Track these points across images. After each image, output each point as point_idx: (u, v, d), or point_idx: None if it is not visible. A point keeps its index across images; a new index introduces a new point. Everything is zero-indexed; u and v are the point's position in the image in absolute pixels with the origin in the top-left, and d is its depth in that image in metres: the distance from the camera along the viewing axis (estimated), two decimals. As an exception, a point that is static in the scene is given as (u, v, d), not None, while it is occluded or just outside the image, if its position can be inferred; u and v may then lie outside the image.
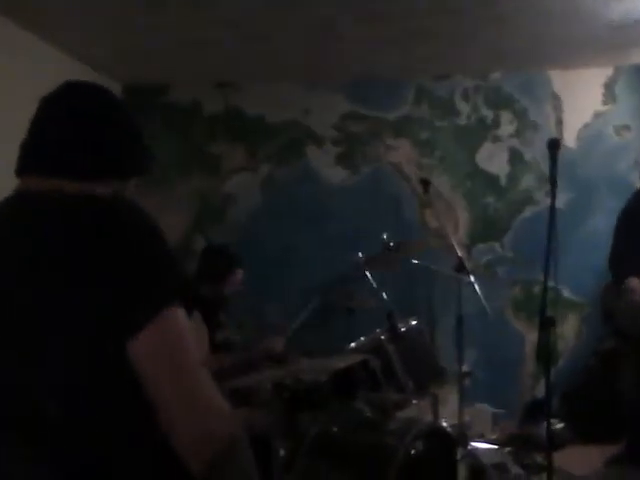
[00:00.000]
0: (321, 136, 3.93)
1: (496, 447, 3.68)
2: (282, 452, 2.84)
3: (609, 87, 4.05)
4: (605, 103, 4.06)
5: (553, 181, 2.55)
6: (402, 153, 3.96)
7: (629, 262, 3.25)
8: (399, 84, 3.94)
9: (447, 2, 2.53)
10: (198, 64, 3.55)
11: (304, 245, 3.91)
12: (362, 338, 3.26)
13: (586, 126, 4.06)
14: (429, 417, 3.42)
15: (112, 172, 1.05)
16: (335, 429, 2.85)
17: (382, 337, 3.15)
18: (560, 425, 3.69)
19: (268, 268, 3.88)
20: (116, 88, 3.82)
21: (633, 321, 3.17)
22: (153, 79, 3.81)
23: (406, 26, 2.91)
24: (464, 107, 3.98)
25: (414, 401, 3.08)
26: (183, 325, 0.95)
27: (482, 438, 3.81)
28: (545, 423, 3.59)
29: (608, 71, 4.03)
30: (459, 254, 3.51)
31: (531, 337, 4.09)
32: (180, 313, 0.94)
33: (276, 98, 3.90)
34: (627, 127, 4.08)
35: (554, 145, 2.55)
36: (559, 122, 4.04)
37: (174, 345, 0.93)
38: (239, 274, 3.15)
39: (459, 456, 3.39)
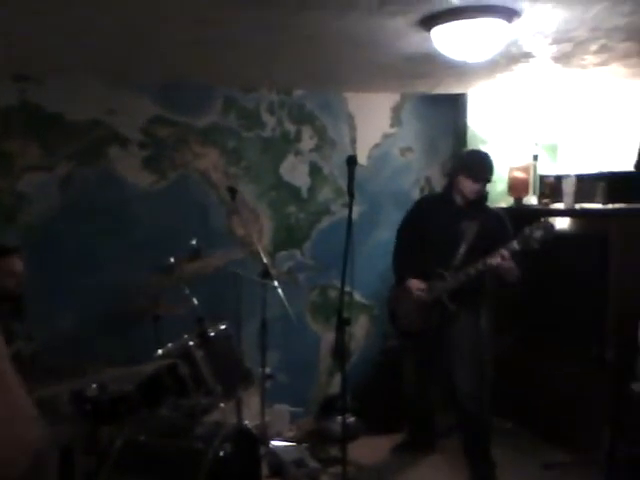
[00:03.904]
0: (126, 138, 3.81)
1: (294, 444, 3.88)
2: (86, 466, 2.74)
3: (396, 112, 4.51)
4: (392, 126, 4.52)
5: (351, 194, 2.80)
6: (209, 160, 4.01)
7: (404, 264, 3.68)
8: (208, 92, 3.98)
9: (259, 16, 2.61)
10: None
11: (105, 250, 3.76)
12: (169, 344, 3.25)
13: (376, 146, 4.48)
14: (233, 419, 3.51)
15: None
16: (142, 438, 2.82)
17: (190, 343, 3.17)
18: (352, 419, 4.01)
19: (65, 274, 3.67)
20: None
21: (412, 319, 3.59)
22: None
23: (218, 34, 2.95)
24: (270, 120, 4.15)
25: (222, 405, 3.16)
26: None
27: (280, 437, 4.00)
28: (338, 417, 3.92)
29: (396, 97, 4.49)
30: (264, 260, 3.67)
31: (326, 338, 4.39)
32: None
33: (78, 96, 3.68)
34: (410, 149, 4.59)
35: (351, 161, 2.81)
36: (353, 141, 4.41)
37: None
38: (7, 262, 2.94)
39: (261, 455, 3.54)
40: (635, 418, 3.22)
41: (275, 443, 3.81)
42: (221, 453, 2.72)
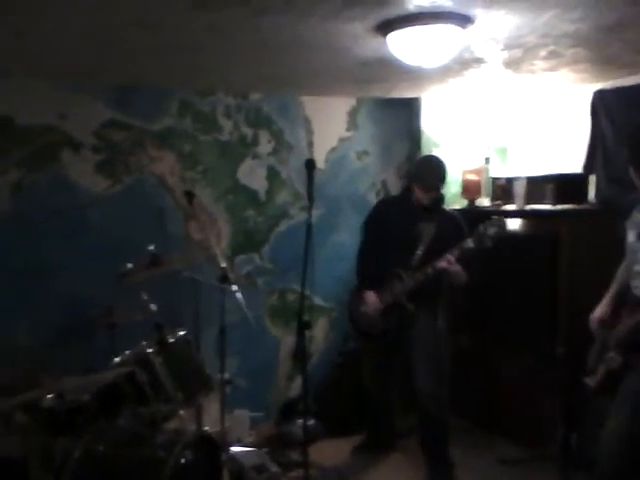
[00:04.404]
0: (79, 143, 3.74)
1: (254, 449, 3.86)
2: (42, 479, 2.67)
3: (352, 115, 4.55)
4: (349, 130, 4.55)
5: (310, 197, 2.81)
6: (166, 164, 3.96)
7: (365, 269, 3.72)
8: (163, 96, 3.93)
9: (216, 21, 2.60)
10: None
11: (60, 257, 3.67)
12: (127, 352, 3.20)
13: (333, 149, 4.51)
14: (193, 426, 3.48)
15: None
16: (101, 448, 2.76)
17: (149, 350, 3.13)
18: (312, 421, 4.01)
19: (18, 281, 3.58)
20: None
21: (372, 320, 3.63)
22: None
23: (174, 40, 2.92)
24: (226, 124, 4.13)
25: (181, 412, 3.12)
26: None
27: (241, 442, 3.97)
28: (298, 421, 3.92)
29: (352, 101, 4.53)
30: (223, 265, 3.64)
31: (286, 342, 4.39)
32: None
33: (29, 100, 3.59)
34: (366, 152, 4.63)
35: (310, 165, 2.82)
36: (310, 144, 4.42)
37: None
38: None
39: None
40: (587, 411, 3.33)
41: (235, 449, 3.78)
42: (182, 461, 2.68)
